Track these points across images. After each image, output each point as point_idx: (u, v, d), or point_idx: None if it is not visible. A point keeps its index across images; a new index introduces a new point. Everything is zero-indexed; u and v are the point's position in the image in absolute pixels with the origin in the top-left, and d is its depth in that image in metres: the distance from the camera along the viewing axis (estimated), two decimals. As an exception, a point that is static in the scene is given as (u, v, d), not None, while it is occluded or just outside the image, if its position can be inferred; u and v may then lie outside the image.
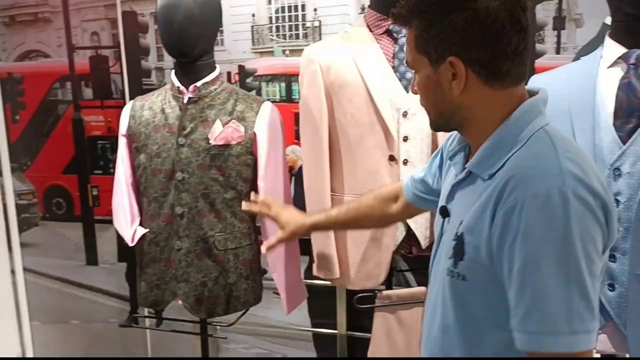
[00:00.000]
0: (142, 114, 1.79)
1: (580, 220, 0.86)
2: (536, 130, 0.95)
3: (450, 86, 0.96)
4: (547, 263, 0.85)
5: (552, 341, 0.86)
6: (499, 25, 0.92)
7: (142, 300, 1.87)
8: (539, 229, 0.86)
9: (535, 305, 0.87)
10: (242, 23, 2.39)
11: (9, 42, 2.62)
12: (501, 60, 0.94)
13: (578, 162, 0.90)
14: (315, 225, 1.53)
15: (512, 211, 0.88)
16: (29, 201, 3.12)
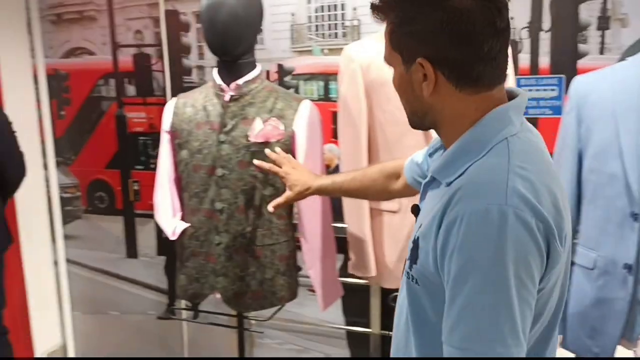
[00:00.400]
0: (185, 111, 1.83)
1: (517, 242, 0.83)
2: (499, 140, 0.91)
3: (421, 87, 0.93)
4: (475, 281, 0.83)
5: (459, 353, 0.85)
6: (471, 26, 0.87)
7: (182, 293, 1.91)
8: (473, 246, 0.84)
9: (460, 321, 0.85)
10: (281, 22, 2.41)
11: (56, 40, 2.71)
12: (473, 63, 0.89)
13: (530, 180, 0.86)
14: (320, 188, 1.57)
15: (453, 224, 0.86)
16: (72, 194, 3.20)
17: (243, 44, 1.72)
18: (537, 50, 2.20)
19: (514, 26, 2.21)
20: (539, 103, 2.23)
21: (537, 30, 2.19)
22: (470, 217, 0.84)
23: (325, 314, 2.57)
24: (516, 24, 2.22)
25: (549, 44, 2.19)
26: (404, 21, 0.92)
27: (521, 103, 0.96)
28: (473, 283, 0.83)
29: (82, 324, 3.32)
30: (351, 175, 1.53)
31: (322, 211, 1.86)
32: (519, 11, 2.21)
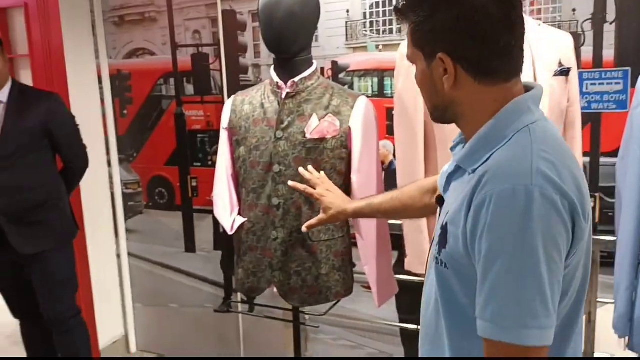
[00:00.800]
0: (243, 108, 1.87)
1: (544, 219, 0.87)
2: (520, 128, 0.96)
3: (442, 81, 0.99)
4: (506, 257, 0.88)
5: (503, 332, 0.89)
6: (488, 22, 0.93)
7: (239, 287, 1.95)
8: (501, 224, 0.89)
9: (492, 296, 0.90)
10: (336, 19, 2.41)
11: (119, 41, 2.82)
12: (490, 57, 0.95)
13: (553, 162, 0.91)
14: (356, 211, 1.58)
15: (482, 205, 0.91)
16: (134, 190, 3.31)
17: (300, 42, 1.74)
18: (601, 43, 2.13)
19: (576, 18, 2.15)
20: (603, 97, 2.15)
21: (601, 22, 2.11)
22: (498, 197, 0.89)
23: (379, 311, 2.57)
24: (578, 16, 2.15)
25: (614, 36, 2.11)
26: (424, 20, 0.98)
27: (538, 94, 1.02)
28: (503, 260, 0.88)
29: (142, 316, 3.44)
30: (389, 195, 1.53)
31: (378, 207, 1.86)
32: (581, 3, 2.14)
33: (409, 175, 1.80)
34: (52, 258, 2.47)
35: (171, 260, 3.28)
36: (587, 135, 2.15)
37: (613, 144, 2.19)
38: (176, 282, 3.29)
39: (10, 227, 2.37)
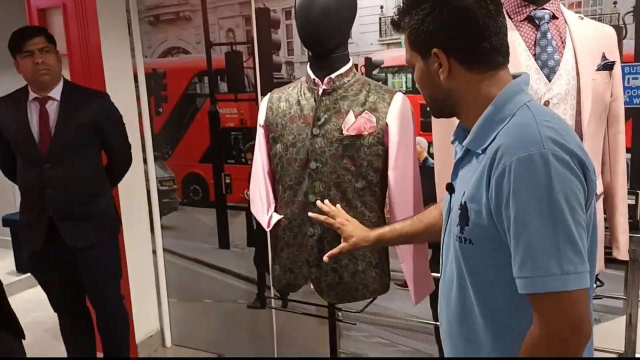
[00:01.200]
0: (279, 105, 1.88)
1: (561, 177, 0.97)
2: (519, 106, 1.08)
3: (438, 75, 1.11)
4: (535, 216, 0.98)
5: (546, 282, 0.98)
6: (474, 17, 1.06)
7: (276, 283, 1.96)
8: (525, 188, 0.98)
9: (529, 253, 0.99)
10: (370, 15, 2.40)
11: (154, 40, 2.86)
12: (478, 47, 1.08)
13: (556, 129, 1.02)
14: (379, 238, 1.63)
15: (502, 176, 1.01)
16: (169, 187, 3.36)
17: (335, 38, 1.74)
18: (644, 36, 2.07)
19: (617, 11, 2.09)
20: (645, 92, 2.10)
21: (644, 14, 2.06)
22: (517, 165, 0.99)
23: (413, 308, 2.56)
24: (620, 9, 2.10)
25: (657, 28, 2.06)
26: (418, 24, 1.11)
27: (526, 78, 1.15)
28: (533, 218, 0.98)
29: (177, 310, 3.49)
30: (409, 220, 1.61)
31: (415, 205, 1.85)
32: (623, -5, 2.09)
33: (447, 171, 1.78)
34: (101, 250, 2.57)
35: (205, 256, 3.32)
36: (629, 131, 2.10)
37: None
38: (210, 278, 3.33)
39: (61, 221, 2.45)
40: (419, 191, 1.88)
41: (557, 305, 0.99)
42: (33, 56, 2.38)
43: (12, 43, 2.41)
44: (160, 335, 3.51)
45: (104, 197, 2.60)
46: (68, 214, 2.46)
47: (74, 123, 2.44)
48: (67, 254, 2.50)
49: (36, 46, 2.38)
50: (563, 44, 1.61)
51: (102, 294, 2.65)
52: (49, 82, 2.43)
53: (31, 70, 2.39)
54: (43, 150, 2.42)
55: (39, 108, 2.45)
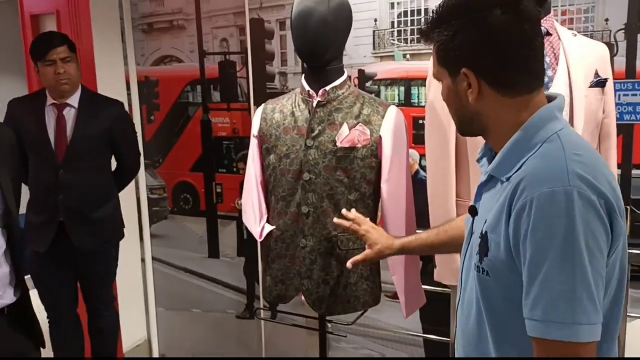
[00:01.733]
0: (273, 116, 1.88)
1: (584, 218, 0.90)
2: (550, 135, 1.00)
3: (467, 95, 1.05)
4: (552, 257, 0.91)
5: (556, 329, 0.91)
6: (506, 38, 0.99)
7: (267, 294, 1.95)
8: (544, 225, 0.92)
9: (542, 295, 0.93)
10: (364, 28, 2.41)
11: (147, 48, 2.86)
12: (510, 71, 1.01)
13: (586, 164, 0.95)
14: (404, 247, 1.61)
15: (522, 210, 0.94)
16: (159, 196, 3.34)
17: (332, 51, 1.75)
18: (634, 53, 2.10)
19: (609, 28, 2.12)
20: (636, 108, 2.13)
21: (635, 31, 2.09)
22: (538, 201, 0.92)
23: (403, 321, 2.56)
24: (611, 26, 2.13)
25: (648, 46, 2.09)
26: (447, 39, 1.04)
27: (561, 102, 1.07)
28: (549, 259, 0.91)
29: (165, 320, 3.46)
30: (434, 230, 1.57)
31: (407, 217, 1.86)
32: (614, 12, 2.12)
33: (441, 184, 1.80)
34: (106, 254, 2.64)
35: (195, 265, 3.30)
36: (619, 146, 2.12)
37: (645, 156, 2.16)
38: (199, 287, 3.31)
39: (72, 225, 2.49)
40: (412, 204, 1.88)
41: (562, 354, 0.93)
42: (55, 65, 2.40)
43: (35, 50, 2.44)
44: (147, 344, 3.48)
45: (113, 202, 2.66)
46: (79, 218, 2.50)
47: (90, 131, 2.48)
48: (71, 257, 2.54)
49: (59, 55, 2.40)
50: (556, 60, 1.63)
51: (100, 296, 2.70)
52: (69, 91, 2.47)
53: (52, 79, 2.42)
54: (59, 156, 2.45)
55: (56, 114, 2.48)
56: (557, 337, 0.92)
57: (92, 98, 2.57)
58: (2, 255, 1.63)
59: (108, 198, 2.63)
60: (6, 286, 1.63)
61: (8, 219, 1.64)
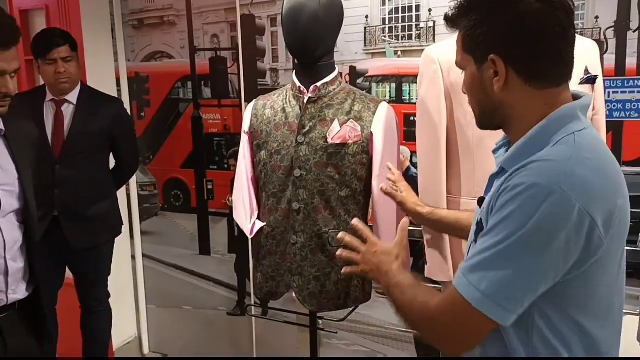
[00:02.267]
0: (264, 112, 1.87)
1: (551, 216, 0.90)
2: (567, 134, 0.97)
3: (492, 84, 1.01)
4: (500, 233, 0.94)
5: (466, 286, 0.97)
6: (540, 26, 0.96)
7: (258, 291, 1.94)
8: (513, 210, 0.93)
9: (475, 257, 0.97)
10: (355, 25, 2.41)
11: (137, 44, 2.84)
12: (541, 60, 0.98)
13: (592, 169, 0.93)
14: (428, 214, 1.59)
15: (504, 190, 0.96)
16: (150, 192, 3.32)
17: (323, 47, 1.74)
18: (624, 51, 2.11)
19: (599, 26, 2.13)
20: (625, 106, 2.14)
21: (625, 29, 2.10)
22: (520, 187, 0.93)
23: (393, 317, 2.56)
24: (601, 24, 2.14)
25: (637, 44, 2.10)
26: (476, 24, 1.01)
27: (587, 102, 1.03)
28: (499, 235, 0.94)
29: (156, 317, 3.45)
30: (454, 216, 1.55)
31: (398, 213, 1.85)
32: (604, 10, 2.13)
33: (432, 181, 1.80)
34: (101, 251, 2.64)
35: (185, 262, 3.29)
36: (609, 144, 2.13)
37: (635, 153, 2.17)
38: (190, 285, 3.30)
39: (69, 222, 2.48)
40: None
41: (460, 309, 0.98)
42: (56, 64, 2.39)
43: (37, 48, 2.42)
44: (138, 342, 3.46)
45: (110, 200, 2.65)
46: (74, 214, 2.50)
47: (88, 127, 2.48)
48: (64, 253, 2.53)
49: (60, 55, 2.40)
50: (547, 57, 1.63)
51: (96, 293, 2.69)
52: (68, 90, 2.47)
53: (52, 78, 2.42)
54: (56, 152, 2.45)
55: (55, 110, 2.48)
56: (465, 294, 0.97)
57: (92, 95, 2.56)
58: (19, 250, 1.62)
59: (105, 195, 2.62)
60: (19, 281, 1.62)
61: (26, 214, 1.63)
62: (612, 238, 0.96)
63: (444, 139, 1.76)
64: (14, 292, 1.60)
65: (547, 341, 1.00)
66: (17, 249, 1.61)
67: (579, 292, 0.98)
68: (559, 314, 0.99)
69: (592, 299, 1.00)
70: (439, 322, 1.03)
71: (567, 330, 1.00)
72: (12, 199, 1.59)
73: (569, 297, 0.98)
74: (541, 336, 1.00)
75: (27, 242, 1.64)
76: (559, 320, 0.99)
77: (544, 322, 0.99)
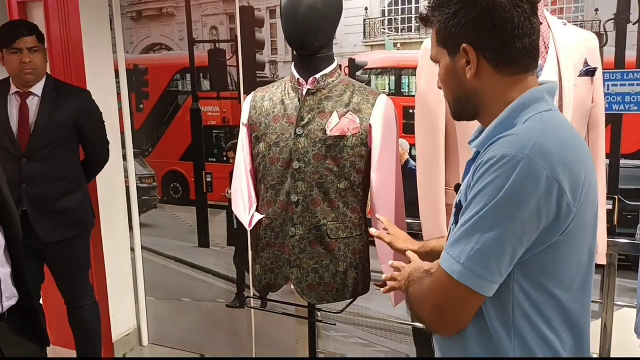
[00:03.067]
0: (263, 104, 1.87)
1: (518, 186, 0.95)
2: (534, 114, 1.04)
3: (465, 72, 1.07)
4: (475, 207, 0.99)
5: (447, 260, 1.03)
6: (507, 15, 1.02)
7: (256, 283, 1.95)
8: (486, 182, 0.98)
9: (455, 232, 1.03)
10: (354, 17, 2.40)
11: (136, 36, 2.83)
12: (509, 47, 1.04)
13: (558, 141, 0.99)
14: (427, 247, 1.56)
15: (477, 166, 1.01)
16: (149, 185, 3.32)
17: (321, 38, 1.74)
18: (623, 43, 2.11)
19: (598, 18, 2.13)
20: (624, 98, 2.14)
21: (624, 22, 2.10)
22: (491, 160, 0.98)
23: (392, 310, 2.57)
24: (601, 16, 2.14)
25: (637, 36, 2.09)
26: (449, 17, 1.07)
27: (554, 87, 1.11)
28: (473, 209, 1.00)
29: (155, 309, 3.45)
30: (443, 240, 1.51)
31: (396, 206, 1.86)
32: (604, 2, 2.12)
33: (431, 173, 1.80)
34: (74, 245, 2.58)
35: (184, 254, 3.29)
36: (608, 136, 2.12)
37: (633, 146, 2.17)
38: (189, 276, 3.30)
39: (37, 216, 2.44)
40: (401, 193, 1.88)
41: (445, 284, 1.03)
42: (21, 53, 2.36)
43: (2, 37, 2.38)
44: (137, 333, 3.47)
45: (80, 193, 2.60)
46: (43, 208, 2.46)
47: (53, 119, 2.43)
48: (38, 249, 2.48)
49: (26, 44, 2.36)
50: (546, 49, 1.63)
51: (73, 287, 2.65)
52: (33, 81, 2.43)
53: (16, 68, 2.38)
54: (22, 145, 2.40)
55: (19, 102, 2.43)
56: (447, 269, 1.02)
57: (57, 87, 2.51)
58: (3, 254, 1.52)
59: (76, 188, 2.57)
60: (10, 286, 1.53)
61: (4, 212, 1.54)
62: (581, 208, 1.01)
63: (443, 131, 1.76)
64: (8, 298, 1.52)
65: (529, 317, 1.05)
66: (2, 252, 1.51)
67: (554, 264, 1.03)
68: (535, 288, 1.04)
69: (565, 271, 1.04)
70: (430, 300, 1.08)
71: (545, 306, 1.05)
72: None
73: (543, 268, 1.03)
74: (522, 312, 1.04)
75: (10, 244, 1.54)
76: (537, 295, 1.04)
77: (524, 296, 1.04)
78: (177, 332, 3.39)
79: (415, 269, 1.25)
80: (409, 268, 1.28)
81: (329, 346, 2.93)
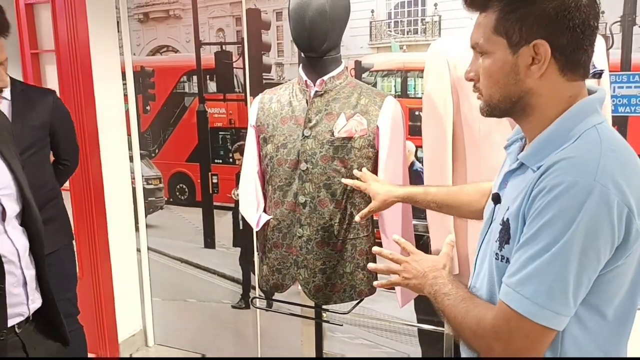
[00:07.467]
0: (271, 106, 1.88)
1: (593, 216, 0.89)
2: (588, 128, 0.97)
3: (527, 70, 0.99)
4: (545, 239, 0.92)
5: (519, 301, 0.95)
6: (584, 17, 0.95)
7: (263, 283, 1.96)
8: (556, 211, 0.91)
9: (522, 269, 0.95)
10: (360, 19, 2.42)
11: (143, 38, 2.86)
12: (580, 51, 0.97)
13: (620, 161, 0.93)
14: (409, 196, 1.58)
15: (540, 192, 0.93)
16: (155, 186, 3.33)
17: (329, 40, 1.75)
18: (629, 46, 2.11)
19: (605, 21, 2.13)
20: (630, 101, 2.14)
21: (631, 24, 2.10)
22: (560, 187, 0.91)
23: (398, 311, 2.57)
24: (607, 18, 2.14)
25: (643, 39, 2.10)
26: (519, 6, 0.97)
27: (603, 96, 1.03)
28: (544, 242, 0.92)
29: (161, 309, 3.46)
30: (445, 189, 1.54)
31: (403, 207, 1.87)
32: (610, 5, 2.13)
33: (438, 175, 1.80)
34: (62, 255, 2.47)
35: (190, 255, 3.30)
36: (614, 138, 2.14)
37: (639, 149, 2.17)
38: (195, 278, 3.31)
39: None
40: (408, 194, 1.89)
41: (516, 324, 0.96)
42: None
43: None
44: (143, 334, 3.49)
45: (59, 200, 2.50)
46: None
47: (29, 124, 2.32)
48: None
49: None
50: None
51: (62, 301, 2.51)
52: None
53: None
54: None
55: None
56: (517, 308, 0.95)
57: (24, 89, 2.40)
58: (28, 256, 1.50)
59: (53, 196, 2.45)
60: (35, 290, 1.52)
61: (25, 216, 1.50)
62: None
63: (450, 133, 1.77)
64: (33, 301, 1.51)
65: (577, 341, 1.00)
66: (27, 255, 1.49)
67: (610, 286, 0.98)
68: (587, 308, 0.98)
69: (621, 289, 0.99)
70: (497, 339, 0.99)
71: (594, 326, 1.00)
72: (12, 202, 1.46)
73: (600, 291, 0.97)
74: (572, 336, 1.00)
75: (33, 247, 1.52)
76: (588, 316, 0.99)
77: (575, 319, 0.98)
78: (183, 332, 3.40)
79: (431, 269, 1.20)
80: (418, 266, 1.23)
81: (335, 347, 2.93)
